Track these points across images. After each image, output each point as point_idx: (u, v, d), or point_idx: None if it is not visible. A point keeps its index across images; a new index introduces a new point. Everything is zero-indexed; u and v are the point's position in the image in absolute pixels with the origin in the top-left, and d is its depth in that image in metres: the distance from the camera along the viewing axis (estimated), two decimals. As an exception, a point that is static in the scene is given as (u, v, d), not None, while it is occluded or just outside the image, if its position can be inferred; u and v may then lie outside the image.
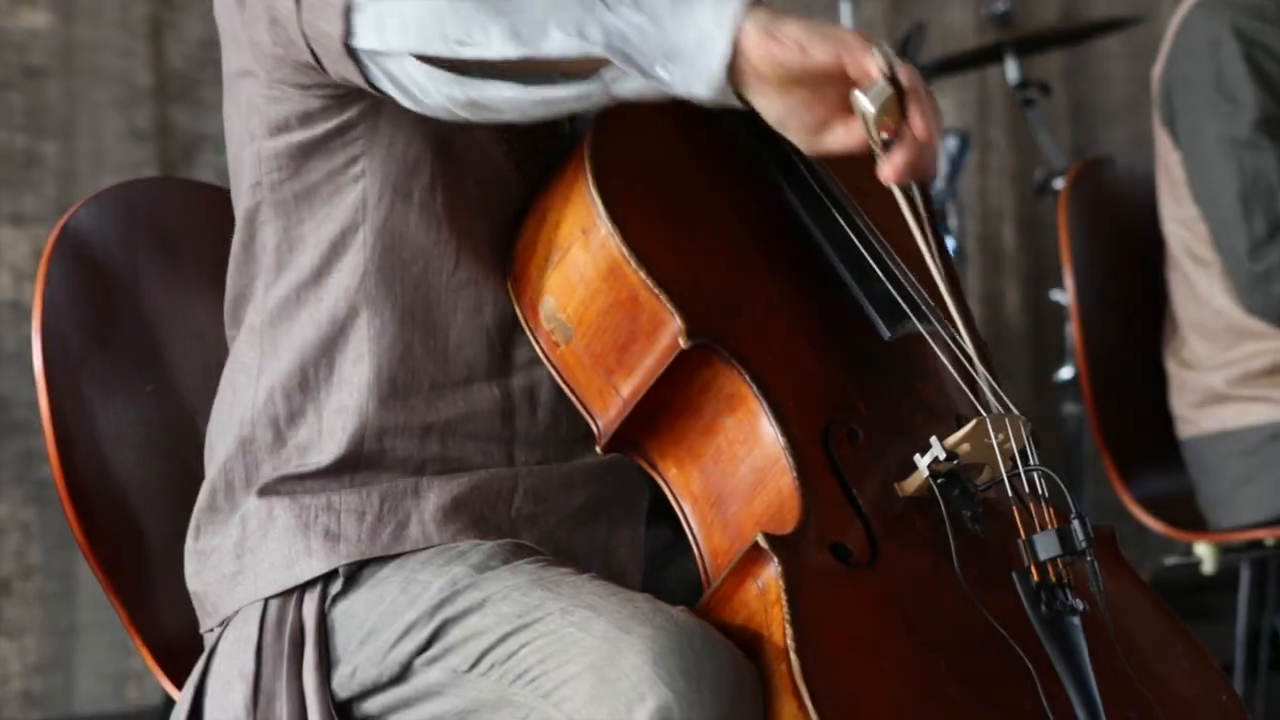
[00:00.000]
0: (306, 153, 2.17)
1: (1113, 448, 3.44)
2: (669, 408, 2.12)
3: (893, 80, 1.88)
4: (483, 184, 2.20)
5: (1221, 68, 3.24)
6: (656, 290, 2.07)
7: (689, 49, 1.88)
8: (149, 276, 2.54)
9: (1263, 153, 3.20)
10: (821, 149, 1.95)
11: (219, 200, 2.53)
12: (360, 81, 2.04)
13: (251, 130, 2.19)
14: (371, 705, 2.11)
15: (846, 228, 2.24)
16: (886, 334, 2.20)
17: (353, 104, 2.13)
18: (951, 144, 4.48)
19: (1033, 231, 5.15)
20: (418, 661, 2.07)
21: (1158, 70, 3.40)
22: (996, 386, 2.14)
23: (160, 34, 4.55)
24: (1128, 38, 5.03)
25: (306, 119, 2.15)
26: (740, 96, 1.91)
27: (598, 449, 2.14)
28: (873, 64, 1.88)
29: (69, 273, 2.46)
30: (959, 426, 2.09)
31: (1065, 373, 4.63)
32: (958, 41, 5.08)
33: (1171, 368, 3.42)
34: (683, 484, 2.15)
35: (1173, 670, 2.22)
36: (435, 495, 2.15)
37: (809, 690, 1.92)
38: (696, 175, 2.24)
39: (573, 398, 2.16)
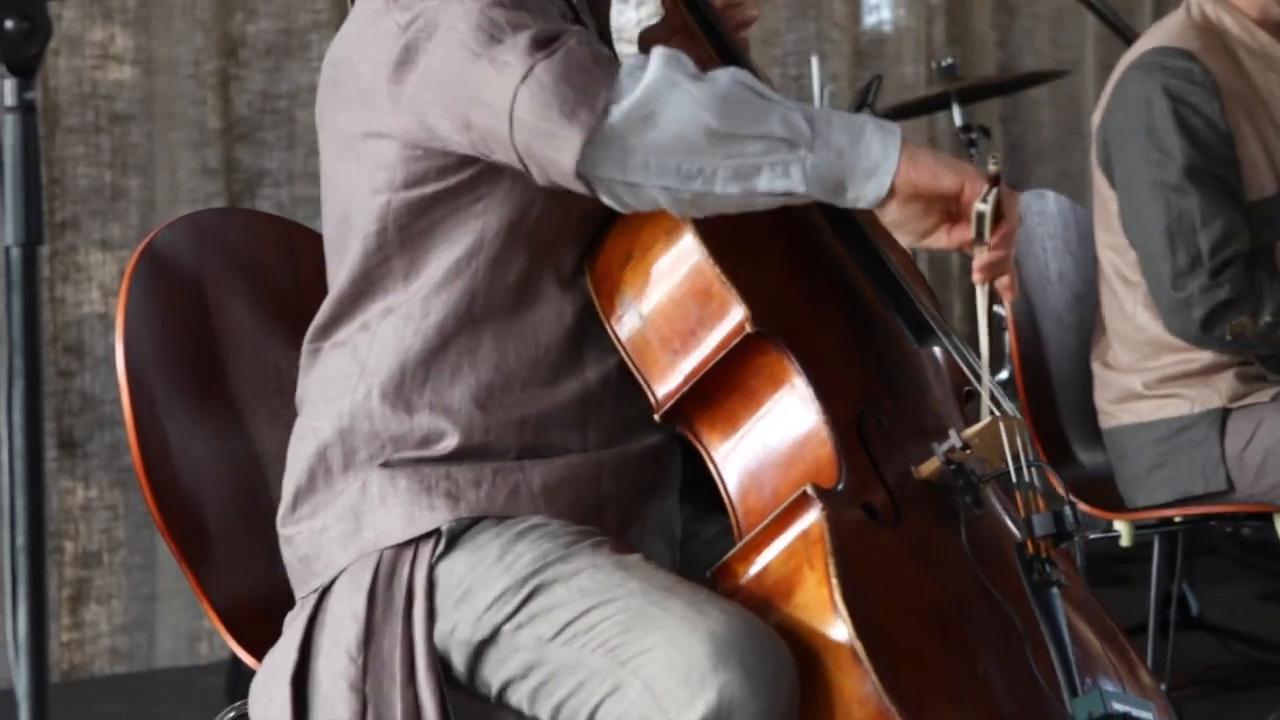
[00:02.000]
0: (437, 198, 2.15)
1: (1043, 437, 3.43)
2: (723, 386, 2.14)
3: (996, 197, 2.00)
4: (576, 212, 2.18)
5: (1153, 122, 3.23)
6: (729, 283, 2.11)
7: (860, 178, 1.98)
8: (215, 293, 2.53)
9: (1188, 196, 3.18)
10: (922, 246, 2.06)
11: (276, 227, 2.53)
12: (572, 188, 2.03)
13: (376, 184, 2.15)
14: (460, 658, 2.09)
15: (884, 260, 2.29)
16: (915, 345, 2.27)
17: (483, 162, 2.12)
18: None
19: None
20: (506, 626, 2.06)
21: (1096, 119, 3.39)
22: (1001, 395, 2.17)
23: (227, 85, 4.54)
24: (1055, 88, 5.02)
25: (442, 173, 2.13)
26: None
27: (656, 417, 2.16)
28: (978, 187, 1.99)
29: (148, 289, 2.46)
30: (966, 427, 2.14)
31: (1003, 374, 4.61)
32: (910, 91, 5.07)
33: (1096, 368, 3.40)
34: (725, 454, 2.16)
35: (1102, 641, 2.24)
36: (539, 476, 2.15)
37: (852, 613, 1.96)
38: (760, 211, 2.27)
39: (638, 375, 2.17)
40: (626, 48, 2.39)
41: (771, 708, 1.93)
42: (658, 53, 2.00)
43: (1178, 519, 3.36)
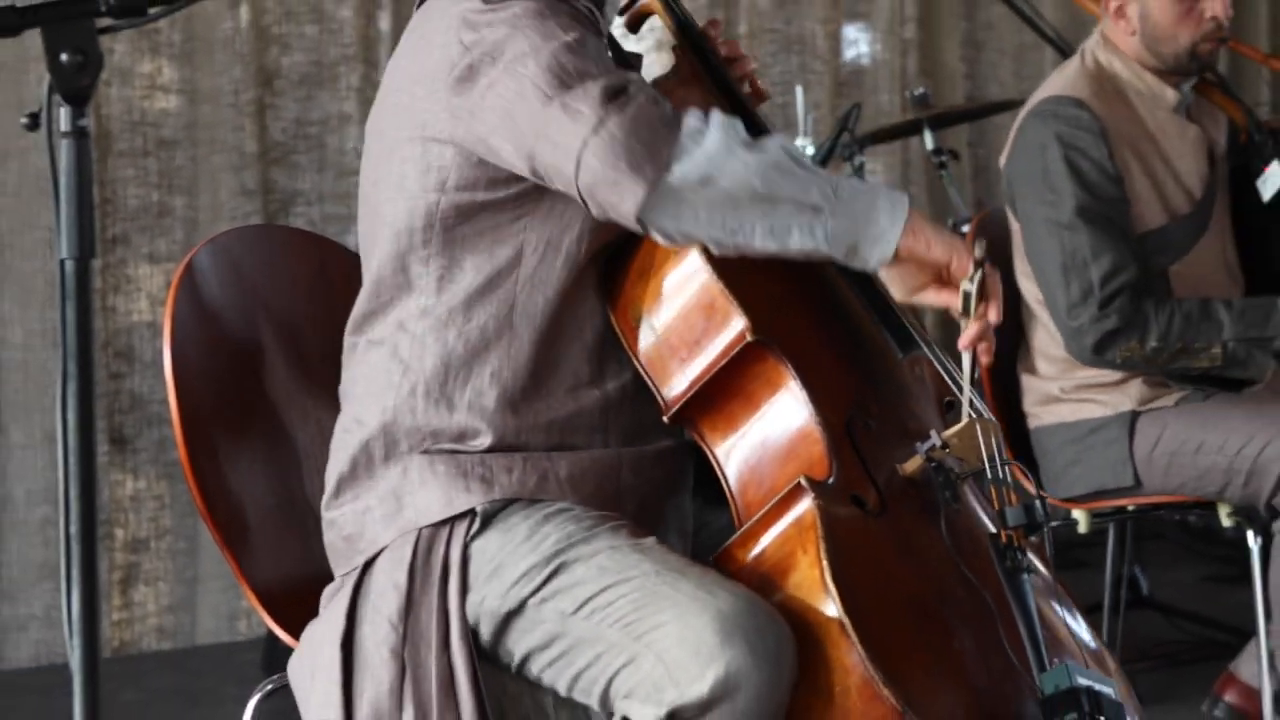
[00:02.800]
0: (484, 207, 2.15)
1: (1011, 442, 3.42)
2: (725, 390, 2.16)
3: (980, 266, 2.06)
4: (605, 237, 2.19)
5: (1047, 165, 3.24)
6: (731, 296, 2.12)
7: (870, 243, 2.04)
8: (253, 302, 2.53)
9: (1079, 233, 3.19)
10: (910, 302, 2.14)
11: (308, 242, 2.53)
12: (629, 226, 2.06)
13: (427, 184, 2.15)
14: (488, 628, 2.09)
15: (871, 278, 2.29)
16: (900, 354, 2.28)
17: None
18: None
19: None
20: (532, 600, 2.06)
21: (1003, 160, 3.40)
22: (978, 400, 2.18)
23: (263, 113, 4.53)
24: (1017, 115, 5.01)
25: (493, 184, 2.14)
26: None
27: (665, 418, 2.17)
28: (969, 263, 2.05)
29: (192, 299, 2.46)
30: (949, 428, 2.15)
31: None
32: (887, 118, 5.06)
33: (1023, 377, 3.42)
34: (728, 452, 2.17)
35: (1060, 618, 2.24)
36: (565, 466, 2.16)
37: (841, 594, 1.97)
38: None
39: (649, 382, 2.18)
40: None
41: (774, 680, 1.94)
42: (716, 120, 2.04)
43: (1130, 508, 3.36)
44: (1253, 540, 3.17)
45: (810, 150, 4.51)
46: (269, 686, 2.33)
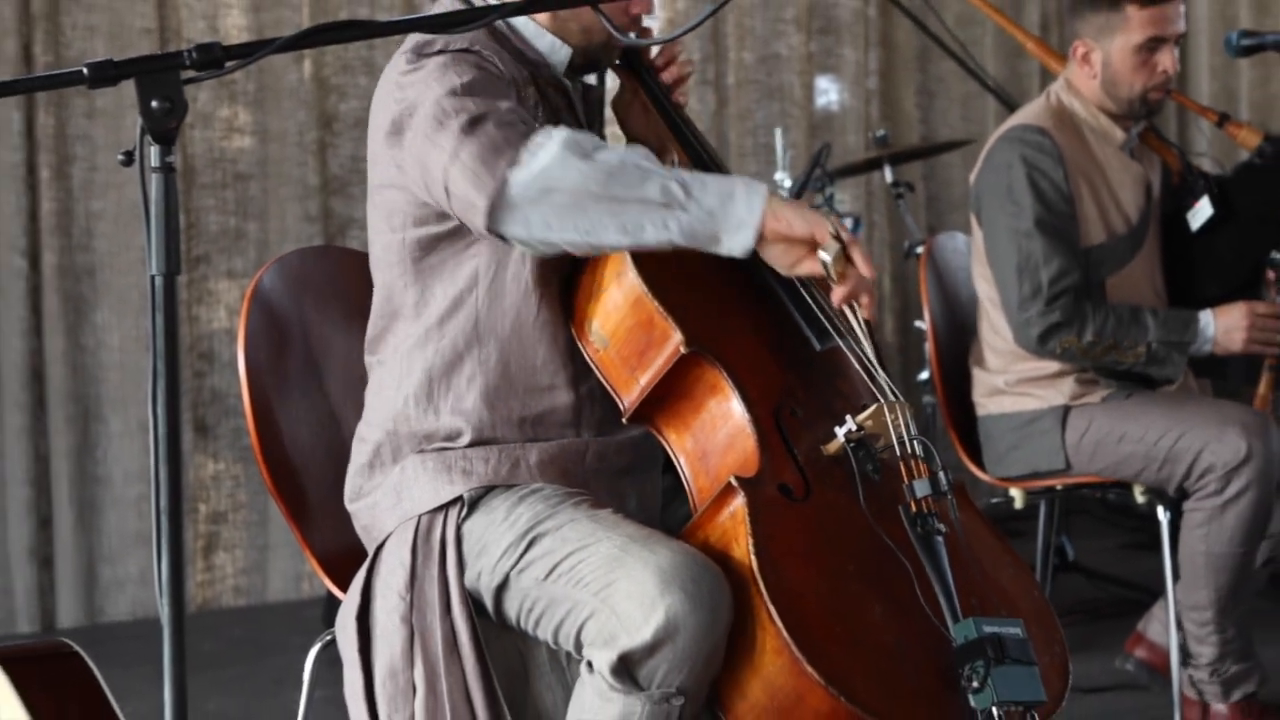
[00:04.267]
0: (439, 239, 2.14)
1: (955, 425, 3.42)
2: (671, 393, 2.13)
3: (838, 239, 1.99)
4: (551, 258, 2.16)
5: (1011, 182, 3.23)
6: (665, 314, 2.09)
7: (731, 231, 1.98)
8: (312, 312, 2.53)
9: (1034, 241, 3.18)
10: (792, 274, 2.05)
11: (360, 262, 2.51)
12: (499, 242, 2.05)
13: (393, 224, 2.16)
14: (487, 598, 2.10)
15: (792, 280, 2.22)
16: (818, 346, 2.21)
17: None
18: (849, 224, 4.49)
19: (902, 282, 5.13)
20: (513, 572, 2.07)
21: (973, 178, 3.40)
22: (890, 383, 2.15)
23: (324, 152, 4.53)
24: (965, 152, 5.01)
25: (442, 218, 2.13)
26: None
27: (624, 420, 2.15)
28: (827, 233, 1.98)
29: (262, 309, 2.46)
30: (864, 410, 2.11)
31: (924, 375, 4.60)
32: (853, 155, 5.06)
33: (974, 370, 3.40)
34: (680, 445, 2.15)
35: (1002, 574, 2.22)
36: (535, 454, 2.15)
37: (766, 580, 1.95)
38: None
39: (608, 387, 2.16)
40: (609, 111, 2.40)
41: (710, 621, 1.93)
42: (559, 135, 2.01)
43: (1058, 487, 3.36)
44: (1162, 514, 3.16)
45: (787, 183, 4.52)
46: (328, 637, 2.33)
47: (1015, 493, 3.40)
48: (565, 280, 2.19)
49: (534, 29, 2.20)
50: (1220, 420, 3.09)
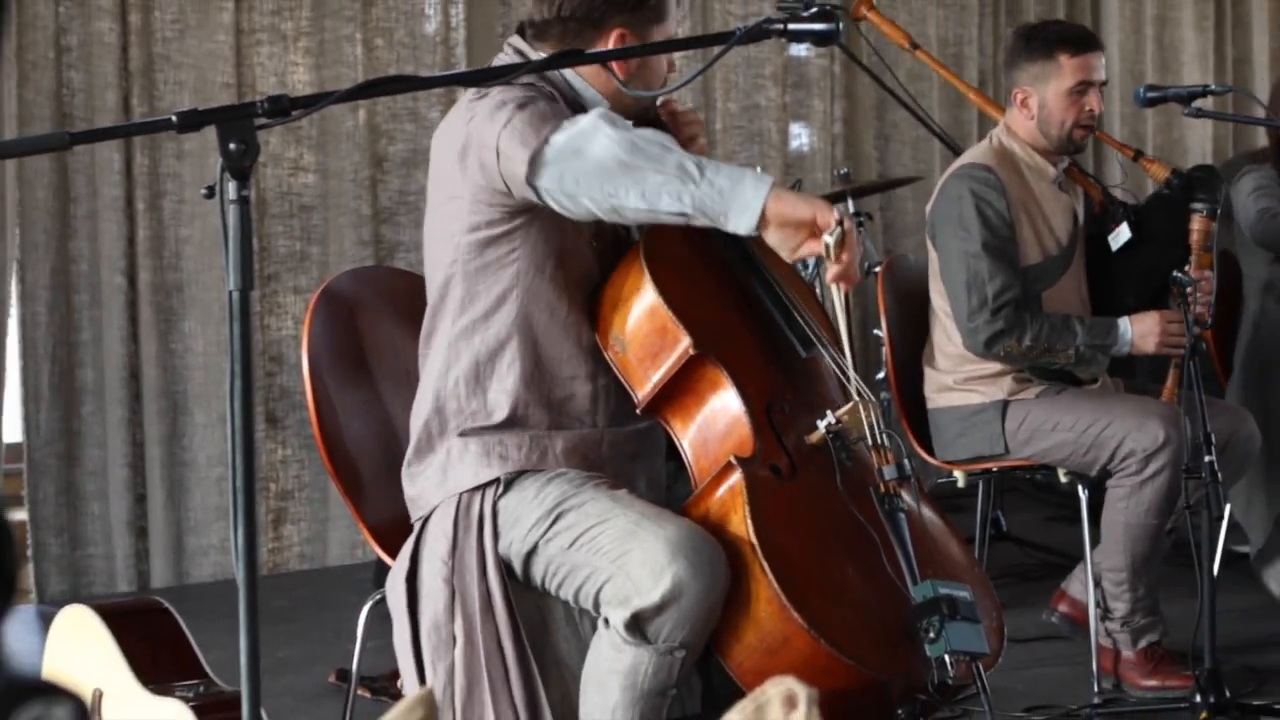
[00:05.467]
0: (487, 243, 2.14)
1: (908, 416, 3.41)
2: (679, 389, 2.14)
3: (841, 224, 1.92)
4: (582, 263, 2.17)
5: (962, 211, 3.22)
6: (677, 323, 2.10)
7: (739, 209, 1.91)
8: (366, 321, 2.53)
9: (981, 261, 3.18)
10: (793, 258, 1.96)
11: (406, 279, 2.53)
12: (534, 199, 2.02)
13: (451, 230, 2.15)
14: (517, 564, 2.09)
15: (781, 295, 2.26)
16: (803, 354, 2.24)
17: (518, 216, 2.12)
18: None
19: (863, 296, 5.11)
20: (541, 541, 2.06)
21: (928, 208, 3.39)
22: (863, 385, 2.17)
23: (375, 187, 4.53)
24: (915, 187, 5.01)
25: (491, 224, 2.13)
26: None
27: (638, 411, 2.15)
28: (832, 218, 1.91)
29: (324, 320, 2.46)
30: (841, 407, 2.13)
31: (880, 374, 4.59)
32: (820, 190, 5.04)
33: (926, 370, 3.39)
34: (684, 433, 2.15)
35: (949, 548, 2.24)
36: (561, 441, 2.14)
37: (760, 542, 1.97)
38: (699, 262, 2.24)
39: (625, 383, 2.16)
40: None
41: (709, 586, 1.94)
42: (597, 110, 2.01)
43: (994, 469, 3.35)
44: (1082, 492, 3.16)
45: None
46: (378, 596, 2.33)
47: (959, 474, 3.40)
48: (590, 293, 2.18)
49: (580, 84, 2.20)
50: (1141, 412, 3.09)
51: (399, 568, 2.16)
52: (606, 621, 1.99)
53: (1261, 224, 3.64)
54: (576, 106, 2.16)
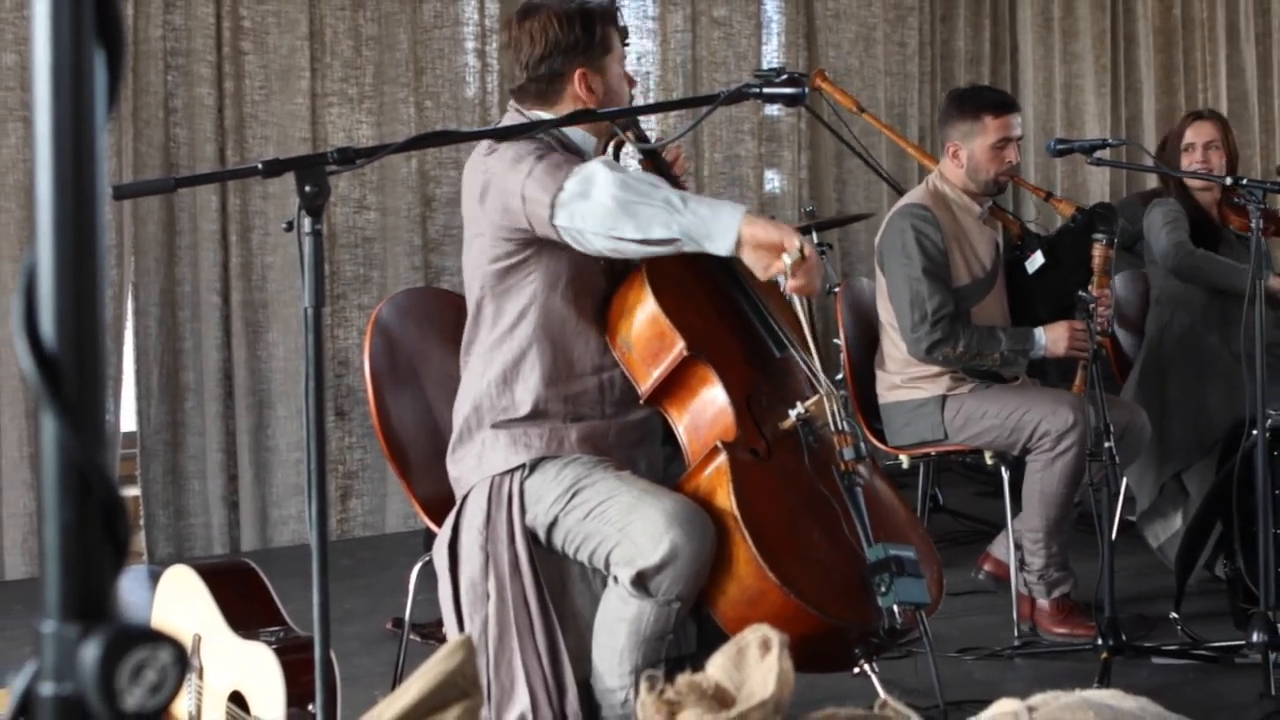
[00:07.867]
0: (508, 271, 2.12)
1: (863, 411, 3.40)
2: (675, 383, 2.13)
3: (801, 249, 1.90)
4: (591, 279, 2.16)
5: (905, 242, 3.22)
6: (673, 329, 2.09)
7: (720, 233, 1.90)
8: (413, 335, 2.52)
9: (921, 283, 3.17)
10: (765, 275, 1.94)
11: (451, 299, 2.52)
12: (555, 237, 2.00)
13: (479, 262, 2.14)
14: (542, 533, 2.08)
15: (759, 306, 2.25)
16: (777, 354, 2.22)
17: (530, 247, 2.10)
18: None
19: (825, 312, 5.10)
20: (560, 514, 2.05)
21: (877, 240, 3.39)
22: (828, 380, 2.16)
23: (425, 222, 4.52)
24: (867, 223, 4.99)
25: (509, 255, 2.11)
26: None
27: (640, 402, 2.14)
28: (794, 242, 1.89)
29: (381, 331, 2.46)
30: (809, 399, 2.12)
31: (839, 376, 4.56)
32: (790, 224, 5.03)
33: (878, 372, 3.39)
34: (679, 420, 2.14)
35: (898, 516, 2.23)
36: (575, 432, 2.12)
37: (741, 514, 1.96)
38: (692, 279, 2.23)
39: (631, 378, 2.15)
40: None
41: (700, 549, 1.93)
42: (599, 159, 1.99)
43: (933, 453, 3.34)
44: (1004, 472, 3.18)
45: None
46: (427, 558, 2.32)
47: (904, 458, 3.39)
48: (600, 304, 2.17)
49: (569, 128, 2.18)
50: (1054, 401, 3.10)
51: (443, 536, 2.16)
52: (615, 579, 1.99)
53: (1177, 258, 3.60)
54: (570, 149, 2.15)
